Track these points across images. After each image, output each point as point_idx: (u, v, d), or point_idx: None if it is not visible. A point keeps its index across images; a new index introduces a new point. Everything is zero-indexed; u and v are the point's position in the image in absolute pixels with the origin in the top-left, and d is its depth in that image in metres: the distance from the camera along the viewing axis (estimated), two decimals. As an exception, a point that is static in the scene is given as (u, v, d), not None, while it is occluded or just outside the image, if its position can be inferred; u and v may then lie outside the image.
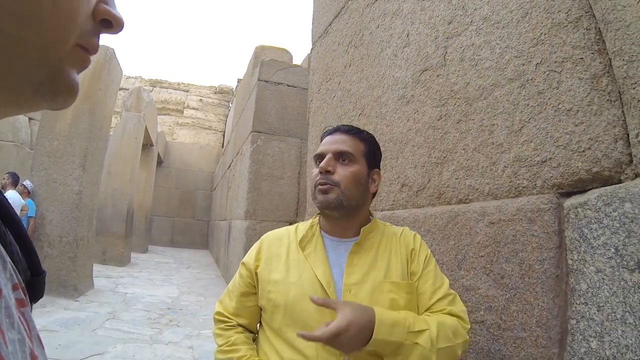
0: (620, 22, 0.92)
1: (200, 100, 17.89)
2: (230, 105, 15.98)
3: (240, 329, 1.10)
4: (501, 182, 1.26)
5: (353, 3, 2.51)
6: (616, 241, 0.87)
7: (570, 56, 1.06)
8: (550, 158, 1.10)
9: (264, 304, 1.06)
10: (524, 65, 1.20)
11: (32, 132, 8.91)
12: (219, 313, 1.14)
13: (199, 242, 15.11)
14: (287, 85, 6.13)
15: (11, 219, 0.35)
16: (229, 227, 7.66)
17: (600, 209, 0.92)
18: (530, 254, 1.12)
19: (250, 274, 1.10)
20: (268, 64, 6.14)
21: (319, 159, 1.10)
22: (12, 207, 0.36)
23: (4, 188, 5.18)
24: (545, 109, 1.12)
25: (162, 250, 13.19)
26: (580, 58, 1.03)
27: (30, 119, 9.13)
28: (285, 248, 1.11)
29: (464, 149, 1.44)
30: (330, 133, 1.14)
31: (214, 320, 1.14)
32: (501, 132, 1.27)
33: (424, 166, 1.67)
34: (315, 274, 1.02)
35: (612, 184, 0.94)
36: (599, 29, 0.99)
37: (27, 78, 0.31)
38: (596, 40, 1.00)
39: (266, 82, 6.02)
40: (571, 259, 0.99)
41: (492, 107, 1.31)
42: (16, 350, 0.27)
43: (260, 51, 7.97)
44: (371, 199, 1.15)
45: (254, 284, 1.10)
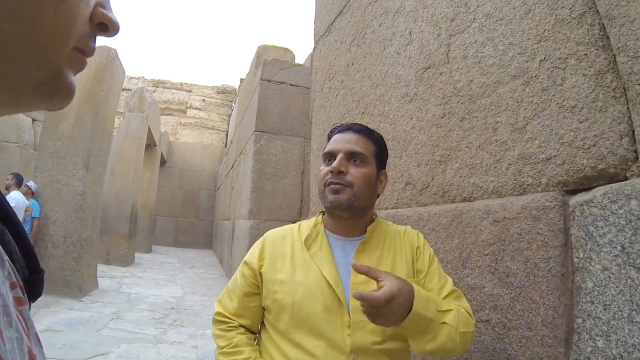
0: (624, 17, 0.91)
1: (203, 100, 17.93)
2: (233, 105, 16.01)
3: (242, 329, 1.08)
4: (506, 180, 1.25)
5: (355, 1, 2.50)
6: (622, 239, 0.87)
7: (574, 52, 1.05)
8: (555, 155, 1.09)
9: (269, 304, 1.04)
10: (527, 62, 1.20)
11: (36, 133, 8.94)
12: (219, 314, 1.11)
13: (203, 242, 15.15)
14: (290, 85, 6.12)
15: (10, 218, 0.35)
16: (233, 227, 7.68)
17: (606, 206, 0.92)
18: (535, 252, 1.11)
19: (253, 273, 1.08)
20: (270, 64, 6.14)
21: (329, 157, 1.08)
22: (11, 207, 0.36)
23: (8, 189, 5.21)
24: (549, 105, 1.11)
25: (166, 250, 13.23)
26: (585, 54, 1.02)
27: (33, 120, 9.18)
28: (289, 247, 1.09)
29: (467, 147, 1.43)
30: (341, 131, 1.12)
31: (214, 321, 1.12)
32: (505, 130, 1.26)
33: (427, 164, 1.66)
34: (322, 273, 1.01)
35: (617, 181, 0.93)
36: (603, 24, 0.98)
37: (27, 79, 0.32)
38: (600, 36, 0.99)
39: (269, 81, 6.02)
40: (577, 257, 0.98)
41: (496, 105, 1.31)
42: (14, 348, 0.27)
43: (262, 50, 7.98)
44: (376, 198, 1.14)
45: (257, 284, 1.08)
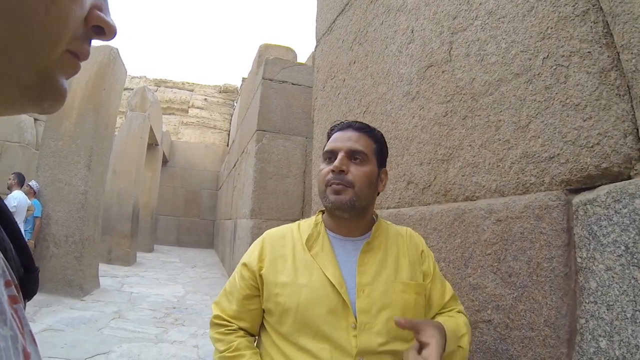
0: (628, 14, 0.90)
1: (205, 99, 17.95)
2: (235, 104, 16.00)
3: (241, 332, 1.06)
4: (508, 179, 1.25)
5: (357, 0, 2.50)
6: (626, 238, 0.86)
7: (577, 50, 1.04)
8: (558, 154, 1.08)
9: (271, 307, 1.01)
10: (530, 59, 1.19)
11: (38, 132, 8.96)
12: (217, 317, 1.08)
13: (205, 242, 15.17)
14: (292, 84, 6.12)
15: (4, 216, 0.35)
16: (235, 226, 7.68)
17: (609, 205, 0.91)
18: (538, 251, 1.10)
19: (253, 275, 1.05)
20: (272, 63, 6.14)
21: (330, 155, 1.06)
22: (5, 204, 0.36)
23: (10, 188, 5.23)
24: (552, 104, 1.10)
25: (167, 250, 13.26)
26: (588, 52, 1.01)
27: (35, 119, 9.20)
28: (290, 248, 1.06)
29: (470, 146, 1.42)
30: (341, 129, 1.10)
31: (212, 324, 1.09)
32: (508, 128, 1.25)
33: (429, 163, 1.66)
34: (325, 275, 0.99)
35: (621, 180, 0.92)
36: (607, 22, 0.97)
37: (15, 81, 0.31)
38: (604, 34, 0.98)
39: (271, 80, 6.02)
40: (580, 257, 0.97)
41: (499, 103, 1.30)
42: (8, 346, 0.27)
43: (264, 50, 7.97)
44: (376, 196, 1.13)
45: (257, 286, 1.05)
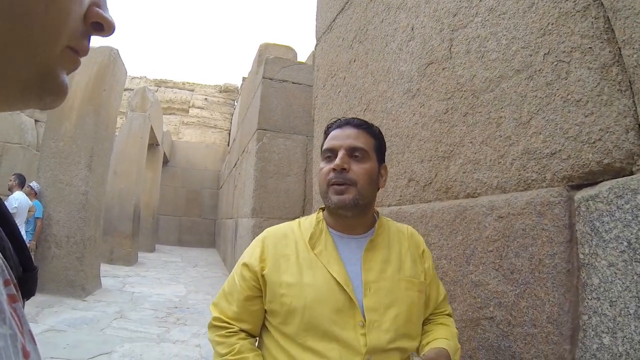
0: (629, 10, 0.89)
1: (206, 99, 17.95)
2: (236, 103, 16.00)
3: (243, 334, 1.02)
4: (510, 176, 1.24)
5: (356, -2, 2.49)
6: (629, 234, 0.85)
7: (578, 46, 1.04)
8: (559, 150, 1.08)
9: (276, 308, 0.98)
10: (531, 56, 1.18)
11: (38, 134, 8.97)
12: (217, 319, 1.04)
13: (206, 241, 15.18)
14: (292, 83, 6.12)
15: (3, 217, 0.35)
16: (236, 225, 7.68)
17: (611, 201, 0.90)
18: (540, 248, 1.10)
19: (254, 276, 1.02)
20: (272, 62, 6.13)
21: (329, 153, 1.05)
22: (4, 204, 0.36)
23: (11, 190, 5.23)
24: (554, 100, 1.10)
25: (169, 250, 13.28)
26: (589, 47, 1.01)
27: (36, 121, 9.20)
28: (292, 247, 1.03)
29: (471, 142, 1.42)
30: (339, 126, 1.08)
31: (211, 326, 1.05)
32: (509, 125, 1.25)
33: (430, 160, 1.65)
34: (330, 274, 0.97)
35: (623, 176, 0.92)
36: (608, 17, 0.97)
37: (16, 77, 0.31)
38: (605, 29, 0.98)
39: (271, 79, 6.02)
40: (582, 253, 0.97)
41: (500, 100, 1.29)
42: (7, 345, 0.27)
43: (264, 49, 7.97)
44: (377, 193, 1.13)
45: (259, 287, 1.02)
